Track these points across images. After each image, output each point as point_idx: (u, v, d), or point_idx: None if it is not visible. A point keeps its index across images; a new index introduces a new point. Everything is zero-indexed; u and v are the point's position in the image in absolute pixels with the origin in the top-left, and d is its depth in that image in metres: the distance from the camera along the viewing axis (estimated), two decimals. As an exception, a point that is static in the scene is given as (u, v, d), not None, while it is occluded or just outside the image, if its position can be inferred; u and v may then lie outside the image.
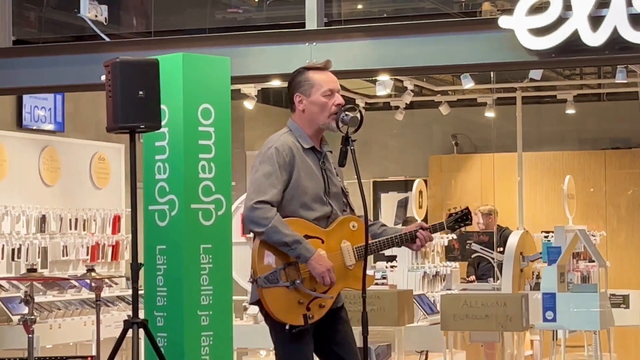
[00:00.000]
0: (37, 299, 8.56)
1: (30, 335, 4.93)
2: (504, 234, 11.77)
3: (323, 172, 5.34)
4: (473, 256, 12.06)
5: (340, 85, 11.09)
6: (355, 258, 5.28)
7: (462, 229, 5.80)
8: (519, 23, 7.52)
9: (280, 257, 5.18)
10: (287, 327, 5.17)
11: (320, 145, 5.39)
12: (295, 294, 5.17)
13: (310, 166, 5.31)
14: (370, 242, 5.28)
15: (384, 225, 5.49)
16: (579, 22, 7.34)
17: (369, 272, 5.38)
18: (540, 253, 10.58)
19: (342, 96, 5.45)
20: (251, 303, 5.52)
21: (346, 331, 5.39)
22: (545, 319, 8.79)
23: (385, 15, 10.20)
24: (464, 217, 5.59)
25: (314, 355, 5.33)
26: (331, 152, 5.46)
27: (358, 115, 5.10)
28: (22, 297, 5.02)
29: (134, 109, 7.19)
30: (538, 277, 10.97)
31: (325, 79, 5.36)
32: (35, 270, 6.49)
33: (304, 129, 5.34)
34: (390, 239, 5.35)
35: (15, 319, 9.37)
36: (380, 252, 5.59)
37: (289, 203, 5.22)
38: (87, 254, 11.04)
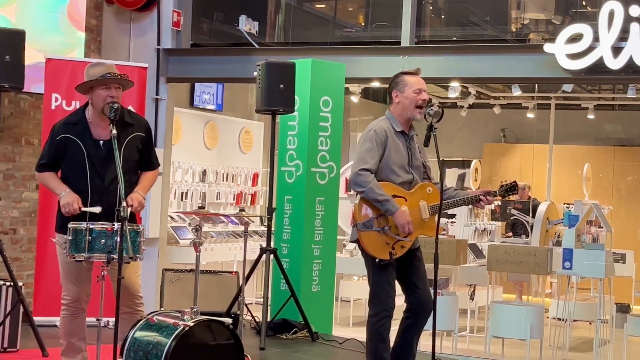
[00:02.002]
0: (197, 228, 8.73)
1: (197, 254, 5.02)
2: (535, 204, 11.64)
3: (408, 149, 5.31)
4: (511, 218, 11.99)
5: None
6: (429, 213, 5.26)
7: (509, 197, 5.75)
8: (558, 49, 7.42)
9: (374, 209, 5.19)
10: (377, 260, 5.19)
11: (409, 130, 5.39)
12: (384, 237, 5.18)
13: (399, 145, 5.29)
14: (446, 201, 5.28)
15: (456, 189, 5.48)
16: (604, 51, 7.22)
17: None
18: (562, 219, 10.44)
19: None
20: (351, 241, 5.55)
21: (419, 266, 5.39)
22: (563, 267, 8.70)
23: (457, 39, 10.11)
24: (512, 187, 5.53)
25: (396, 282, 5.36)
26: (417, 135, 5.45)
27: (440, 110, 5.09)
28: (193, 226, 5.09)
29: (275, 97, 7.28)
30: (559, 236, 10.86)
31: (416, 81, 5.33)
32: (203, 208, 6.60)
33: (397, 118, 5.34)
34: (462, 199, 5.34)
35: (183, 242, 9.58)
36: (444, 211, 5.57)
37: (382, 171, 5.23)
38: (234, 199, 11.17)
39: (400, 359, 5.40)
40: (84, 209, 4.87)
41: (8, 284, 6.41)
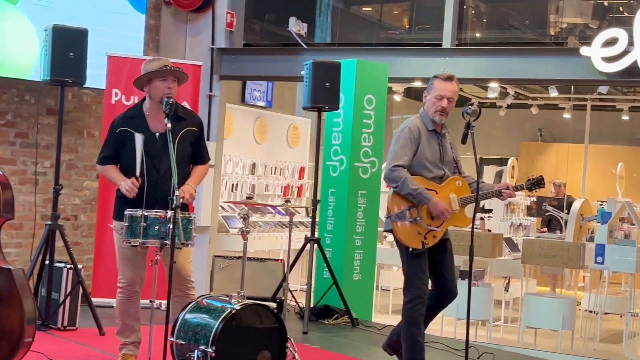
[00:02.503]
0: (246, 218, 8.77)
1: (244, 241, 5.05)
2: (569, 200, 11.52)
3: (440, 147, 5.33)
4: (546, 214, 11.88)
5: (461, 88, 10.99)
6: (459, 205, 5.28)
7: (536, 191, 5.70)
8: (595, 52, 7.33)
9: (407, 202, 5.20)
10: (410, 249, 5.21)
11: (441, 129, 5.38)
12: (416, 227, 5.19)
13: (431, 142, 5.30)
14: (471, 194, 5.31)
15: (482, 182, 5.47)
16: (638, 55, 7.13)
17: (469, 216, 5.37)
18: (596, 215, 10.31)
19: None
20: (385, 231, 5.57)
21: (447, 256, 5.39)
22: (596, 262, 8.60)
23: (496, 41, 10.03)
24: (539, 182, 5.52)
25: None
26: (449, 133, 5.44)
27: (477, 109, 5.07)
28: (241, 215, 5.11)
29: (321, 95, 7.29)
30: (592, 232, 10.71)
31: (441, 87, 5.27)
32: (251, 198, 6.62)
33: (428, 116, 5.35)
34: (485, 192, 5.34)
35: (232, 230, 9.64)
36: (481, 206, 5.58)
37: (415, 166, 5.24)
38: (281, 191, 11.20)
39: None
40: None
41: (69, 266, 6.51)
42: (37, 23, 7.36)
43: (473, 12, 10.41)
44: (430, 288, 5.37)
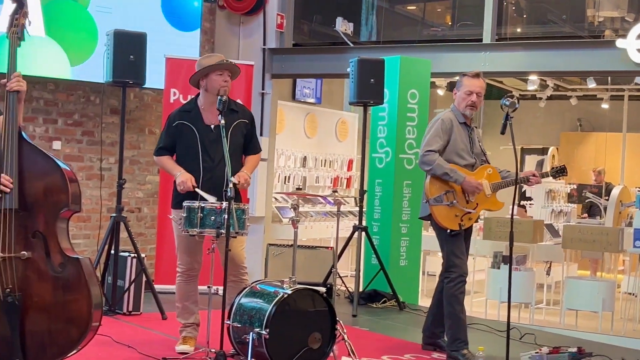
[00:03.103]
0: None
1: (295, 230, 5.07)
2: (609, 187, 11.34)
3: (469, 139, 5.44)
4: (586, 201, 11.71)
5: (500, 81, 10.85)
6: (491, 190, 5.38)
7: (557, 178, 5.75)
8: (630, 44, 7.21)
9: (443, 187, 5.28)
10: (448, 231, 5.29)
11: (470, 122, 5.48)
12: (453, 210, 5.29)
13: (462, 133, 5.41)
14: (499, 181, 5.45)
15: (508, 171, 5.55)
16: (673, 45, 7.01)
17: (501, 201, 5.47)
18: (634, 201, 10.12)
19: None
20: (420, 217, 5.63)
21: (468, 241, 5.51)
22: (634, 246, 8.44)
23: (535, 35, 9.90)
24: (561, 170, 5.64)
25: None
26: (476, 127, 5.60)
27: (515, 101, 5.03)
28: (292, 205, 5.13)
29: (367, 90, 7.27)
30: (631, 217, 10.51)
31: (470, 83, 5.42)
32: (300, 189, 6.64)
33: (459, 110, 5.45)
34: (513, 179, 5.37)
35: (284, 220, 9.68)
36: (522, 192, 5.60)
37: (448, 154, 5.34)
38: (331, 183, 11.21)
39: (436, 314, 5.56)
40: (200, 192, 4.95)
41: (133, 255, 6.60)
42: (102, 27, 7.48)
43: (513, 8, 10.29)
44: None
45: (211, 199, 4.86)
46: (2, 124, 3.98)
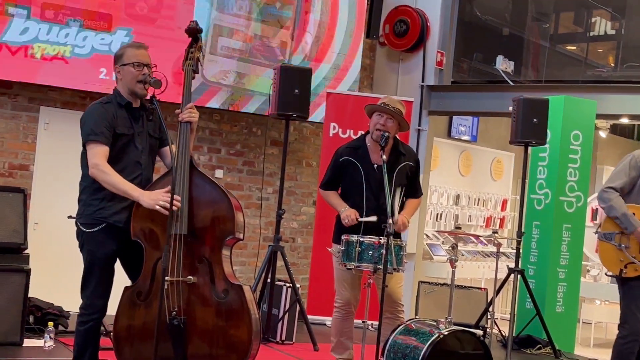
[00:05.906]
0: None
1: (452, 269, 4.96)
2: None
3: None
4: None
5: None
6: None
7: None
8: None
9: (617, 225, 5.01)
10: (620, 275, 5.03)
11: None
12: (619, 253, 5.02)
13: None
14: None
15: None
16: None
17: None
18: None
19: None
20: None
21: None
22: None
23: None
24: None
25: None
26: None
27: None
28: (449, 244, 5.03)
29: (529, 130, 7.05)
30: None
31: None
32: (460, 228, 6.52)
33: None
34: None
35: (436, 258, 9.51)
36: None
37: (636, 195, 5.04)
38: (483, 222, 10.98)
39: None
40: (361, 219, 4.95)
41: (288, 285, 6.66)
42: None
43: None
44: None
45: (373, 219, 4.84)
46: (175, 152, 4.11)
